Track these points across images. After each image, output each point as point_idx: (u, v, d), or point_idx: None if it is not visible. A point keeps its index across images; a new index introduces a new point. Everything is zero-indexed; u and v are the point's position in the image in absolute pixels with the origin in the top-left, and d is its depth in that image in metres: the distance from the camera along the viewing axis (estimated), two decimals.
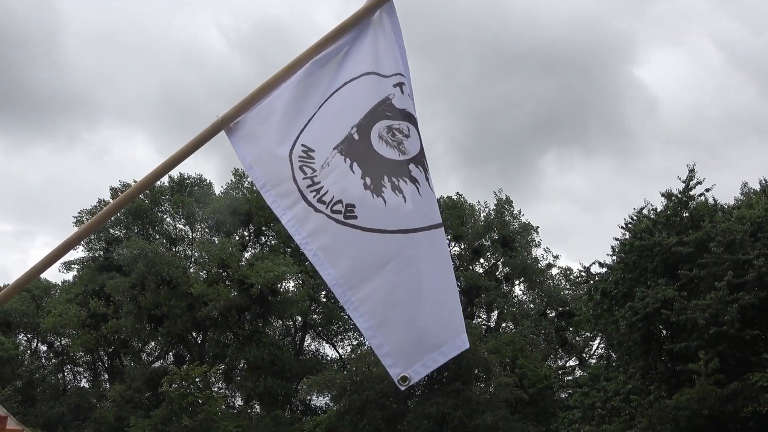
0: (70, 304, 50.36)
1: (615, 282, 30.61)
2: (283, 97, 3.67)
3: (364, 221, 3.30)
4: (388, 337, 3.15)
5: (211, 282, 48.52)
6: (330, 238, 3.32)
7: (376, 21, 3.85)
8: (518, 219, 55.45)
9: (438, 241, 3.35)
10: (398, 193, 3.35)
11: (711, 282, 26.79)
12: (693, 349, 26.31)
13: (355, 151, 3.47)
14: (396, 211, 3.30)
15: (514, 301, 55.04)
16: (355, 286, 3.24)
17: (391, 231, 3.27)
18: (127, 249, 48.40)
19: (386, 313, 3.17)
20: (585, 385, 32.39)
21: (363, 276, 3.23)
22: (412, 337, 3.13)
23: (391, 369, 3.13)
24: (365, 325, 3.20)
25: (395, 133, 3.53)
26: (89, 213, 53.38)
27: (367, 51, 3.77)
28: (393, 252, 3.24)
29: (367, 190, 3.36)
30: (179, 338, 50.67)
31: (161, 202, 55.55)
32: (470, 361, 37.76)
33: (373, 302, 3.20)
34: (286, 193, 3.44)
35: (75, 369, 57.50)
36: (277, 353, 48.66)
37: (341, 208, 3.33)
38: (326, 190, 3.39)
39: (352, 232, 3.30)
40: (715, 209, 30.20)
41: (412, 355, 3.11)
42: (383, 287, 3.20)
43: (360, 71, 3.70)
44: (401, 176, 3.41)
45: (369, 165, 3.42)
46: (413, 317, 3.15)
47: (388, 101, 3.63)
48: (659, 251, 28.53)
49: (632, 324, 28.51)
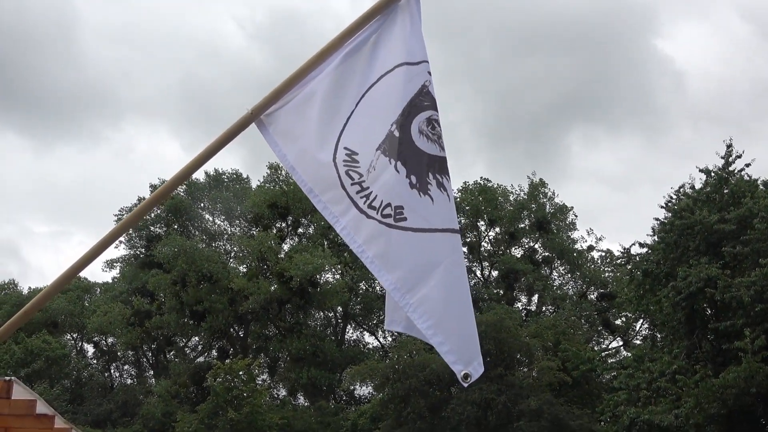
0: (114, 303, 51.07)
1: (656, 262, 30.29)
2: (319, 92, 3.65)
3: (414, 222, 3.31)
4: (448, 334, 3.17)
5: (251, 276, 48.87)
6: (384, 244, 3.33)
7: (403, 5, 3.81)
8: (552, 201, 55.03)
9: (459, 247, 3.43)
10: (443, 191, 3.36)
11: (755, 259, 26.40)
12: (739, 327, 25.96)
13: (397, 150, 3.45)
14: (442, 209, 3.32)
15: (554, 285, 54.71)
16: (412, 289, 3.26)
17: (441, 230, 3.29)
18: (167, 246, 48.90)
19: (444, 312, 3.19)
20: (629, 367, 32.11)
21: (419, 277, 3.25)
22: (467, 335, 3.15)
23: (454, 366, 3.15)
24: (425, 325, 3.21)
25: (435, 125, 3.51)
26: (130, 211, 54.02)
27: (397, 40, 3.74)
28: (445, 251, 3.26)
29: (413, 189, 3.36)
30: (222, 333, 51.12)
31: (200, 199, 56.06)
32: (512, 345, 37.65)
33: (431, 302, 3.21)
34: (337, 200, 3.44)
35: (121, 366, 58.34)
36: (319, 344, 48.89)
37: (391, 211, 3.34)
38: (375, 194, 3.38)
39: (404, 235, 3.31)
40: (756, 185, 29.73)
41: (470, 352, 3.13)
42: (439, 286, 3.21)
43: (393, 63, 3.67)
44: (443, 173, 3.42)
45: (412, 162, 3.41)
46: (465, 315, 3.18)
47: (425, 89, 3.60)
48: (700, 230, 28.16)
49: (676, 304, 28.20)
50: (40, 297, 3.49)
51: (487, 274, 55.29)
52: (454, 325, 3.18)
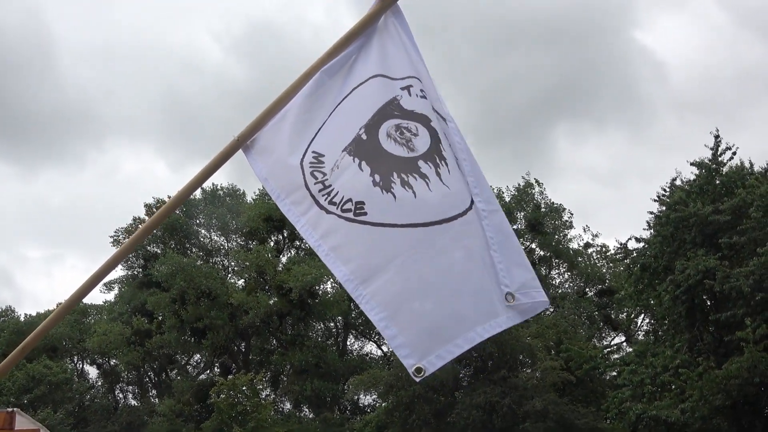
0: (114, 323, 50.96)
1: (654, 256, 30.33)
2: (294, 108, 3.67)
3: (374, 217, 3.28)
4: (402, 328, 3.11)
5: (250, 290, 48.82)
6: (341, 238, 3.31)
7: (381, 26, 3.83)
8: (546, 199, 55.05)
9: (458, 232, 3.30)
10: (408, 189, 3.32)
11: (752, 248, 26.45)
12: (739, 317, 25.99)
13: (363, 150, 3.46)
14: (406, 206, 3.28)
15: (552, 284, 54.68)
16: (366, 281, 3.22)
17: (401, 225, 3.24)
18: (165, 265, 48.83)
19: (399, 305, 3.14)
20: (632, 363, 32.12)
21: (374, 270, 3.22)
22: (425, 328, 3.09)
23: (405, 360, 3.08)
24: (377, 317, 3.17)
25: (403, 131, 3.51)
26: (125, 231, 53.97)
27: (374, 55, 3.76)
28: (404, 245, 3.21)
29: (376, 186, 3.34)
30: (223, 348, 51.01)
31: (195, 215, 56.00)
32: (514, 347, 37.61)
33: (385, 294, 3.17)
34: (300, 200, 3.44)
35: (124, 387, 58.16)
36: (322, 355, 48.82)
37: (351, 206, 3.32)
38: (336, 191, 3.38)
39: (363, 228, 3.28)
40: (744, 174, 29.79)
41: (426, 346, 3.06)
42: (395, 280, 3.17)
43: (367, 75, 3.70)
44: (410, 172, 3.38)
45: (377, 162, 3.41)
46: (426, 309, 3.12)
47: (395, 101, 3.62)
48: (696, 222, 28.22)
49: (675, 297, 28.23)
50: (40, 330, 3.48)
51: None
52: (410, 318, 3.12)
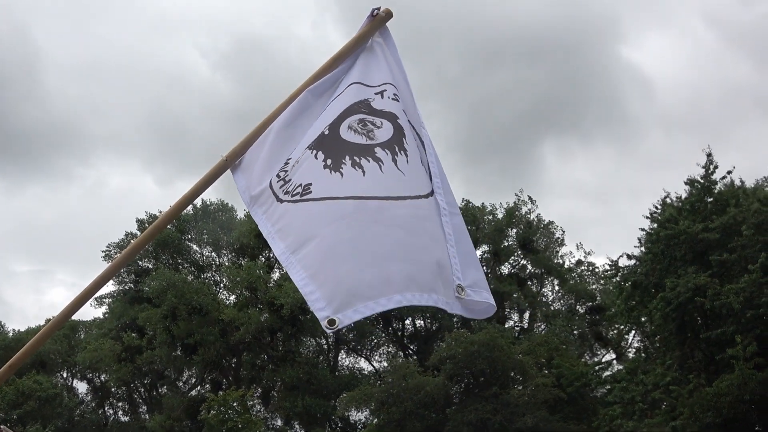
0: (104, 339, 50.72)
1: (645, 273, 30.39)
2: (277, 125, 3.72)
3: (318, 193, 3.32)
4: (320, 284, 3.11)
5: (241, 306, 48.70)
6: (287, 219, 3.35)
7: (368, 47, 3.90)
8: (538, 217, 55.15)
9: (408, 211, 3.30)
10: (357, 168, 3.35)
11: (743, 265, 26.54)
12: (730, 335, 26.06)
13: (322, 143, 3.51)
14: (352, 182, 3.31)
15: (544, 301, 54.68)
16: (296, 250, 3.25)
17: (342, 197, 3.26)
18: (156, 281, 48.70)
19: (322, 264, 3.15)
20: (623, 380, 32.13)
21: (306, 238, 3.24)
22: (346, 285, 3.07)
23: (319, 313, 3.05)
24: (299, 276, 3.17)
25: (366, 123, 3.55)
26: (117, 246, 53.85)
27: (356, 70, 3.82)
28: (340, 213, 3.23)
29: (326, 169, 3.38)
30: (214, 364, 50.81)
31: (187, 230, 55.90)
32: (506, 364, 37.59)
33: (312, 257, 3.18)
34: (264, 201, 3.49)
35: (114, 403, 57.82)
36: (313, 372, 48.67)
37: (300, 190, 3.37)
38: (292, 181, 3.43)
39: (305, 205, 3.32)
40: (737, 192, 29.95)
41: (343, 301, 3.04)
42: (323, 243, 3.18)
43: (346, 84, 3.76)
44: (364, 156, 3.41)
45: (333, 150, 3.45)
46: (350, 268, 3.11)
47: (366, 102, 3.67)
48: (686, 239, 28.32)
49: (666, 314, 28.29)
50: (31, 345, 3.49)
51: None
52: (331, 275, 3.11)
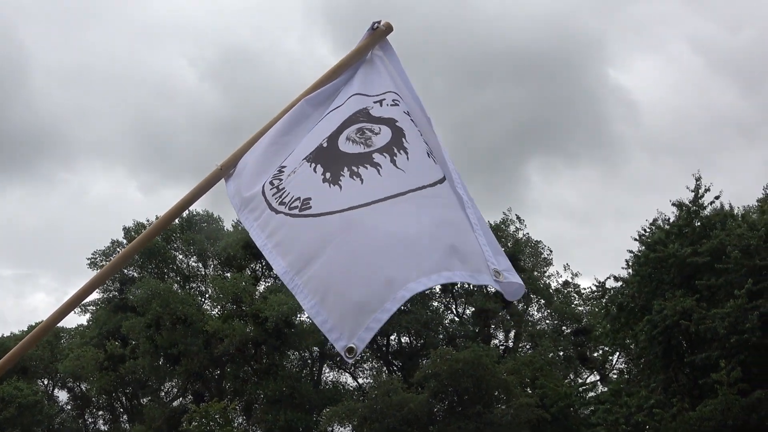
0: (87, 347, 50.40)
1: (632, 296, 30.44)
2: (272, 132, 3.68)
3: (317, 209, 3.24)
4: (330, 310, 3.03)
5: (226, 318, 48.49)
6: (284, 233, 3.28)
7: (368, 59, 3.87)
8: (526, 237, 55.25)
9: (409, 202, 3.22)
10: (355, 178, 3.28)
11: (729, 290, 26.61)
12: (714, 359, 26.10)
13: (320, 156, 3.45)
14: (350, 192, 3.24)
15: (530, 321, 54.71)
16: (300, 270, 3.16)
17: (340, 210, 3.19)
18: (141, 289, 48.47)
19: (328, 288, 3.07)
20: (607, 402, 32.12)
21: (309, 258, 3.15)
22: (352, 305, 2.98)
23: (337, 343, 2.97)
24: (309, 304, 3.09)
25: (364, 131, 3.50)
26: (103, 254, 53.61)
27: (356, 82, 3.79)
28: (340, 228, 3.15)
29: (325, 182, 3.31)
30: (197, 376, 50.54)
31: (173, 240, 55.72)
32: (490, 383, 37.53)
33: (316, 281, 3.10)
34: (256, 206, 3.43)
35: (94, 412, 57.38)
36: (296, 385, 48.45)
37: (298, 203, 3.29)
38: (287, 192, 3.36)
39: (305, 221, 3.24)
40: (725, 216, 30.08)
41: (355, 323, 2.96)
42: (326, 264, 3.10)
43: (346, 97, 3.73)
44: (362, 164, 3.34)
45: (331, 163, 3.39)
46: (354, 285, 3.02)
47: (365, 110, 3.62)
48: (674, 262, 28.39)
49: (652, 337, 28.32)
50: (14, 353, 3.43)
51: (462, 312, 55.25)
52: (337, 299, 3.03)
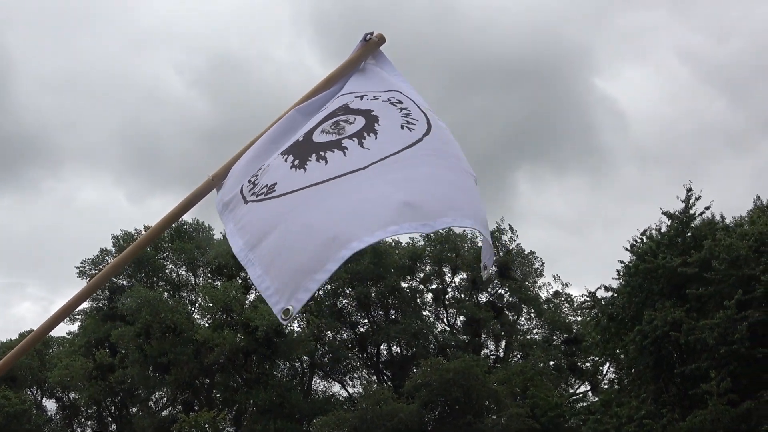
0: (76, 356, 50.17)
1: (622, 306, 30.49)
2: (262, 139, 3.69)
3: (281, 190, 3.24)
4: (274, 277, 3.02)
5: (216, 327, 48.35)
6: (248, 218, 3.29)
7: (360, 69, 3.88)
8: (517, 247, 55.33)
9: (372, 172, 3.17)
10: (321, 161, 3.27)
11: (718, 300, 26.68)
12: (704, 370, 26.15)
13: (294, 148, 3.45)
14: (313, 173, 3.23)
15: (521, 330, 54.75)
16: (254, 246, 3.17)
17: (299, 188, 3.19)
18: (131, 298, 48.31)
19: (275, 256, 3.06)
20: (597, 412, 32.12)
21: (263, 234, 3.16)
22: (294, 269, 2.97)
23: (275, 307, 2.96)
24: (256, 273, 3.09)
25: (339, 123, 3.49)
26: (92, 263, 53.43)
27: (345, 87, 3.80)
28: (296, 202, 3.15)
29: (292, 168, 3.31)
30: (187, 385, 50.35)
31: (163, 250, 55.59)
32: (480, 392, 37.52)
33: (266, 251, 3.11)
34: (234, 205, 3.44)
35: (83, 422, 57.09)
36: (286, 395, 48.34)
37: (265, 189, 3.30)
38: (259, 183, 3.37)
39: (267, 203, 3.25)
40: (715, 227, 30.18)
41: (294, 285, 2.94)
42: (277, 236, 3.10)
43: (334, 100, 3.74)
44: (330, 149, 3.33)
45: (302, 152, 3.38)
46: (296, 249, 3.01)
47: (344, 105, 3.63)
48: (664, 273, 28.46)
49: (642, 348, 28.35)
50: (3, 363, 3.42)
51: (453, 322, 55.26)
52: (282, 266, 3.01)
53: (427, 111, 3.61)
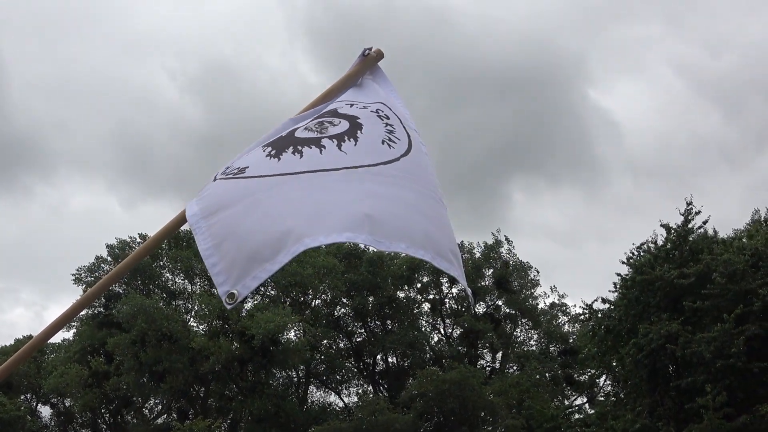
0: (71, 363, 50.05)
1: (619, 318, 30.48)
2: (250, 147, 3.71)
3: (249, 173, 3.26)
4: (224, 255, 3.01)
5: (211, 335, 48.27)
6: (212, 190, 3.29)
7: (357, 84, 3.91)
8: (513, 258, 55.34)
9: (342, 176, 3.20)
10: (296, 154, 3.29)
11: (715, 314, 26.68)
12: (700, 384, 26.12)
13: (275, 141, 3.47)
14: (286, 163, 3.24)
15: (517, 341, 54.72)
16: (209, 215, 3.16)
17: (271, 175, 3.20)
18: (127, 305, 48.23)
19: (228, 233, 3.06)
20: (593, 425, 32.07)
21: (220, 207, 3.15)
22: (245, 254, 2.96)
23: (220, 288, 2.95)
24: (205, 245, 3.08)
25: (324, 123, 3.52)
26: (88, 270, 53.36)
27: (341, 98, 3.82)
28: (262, 186, 3.16)
29: (267, 156, 3.33)
30: (182, 393, 50.22)
31: (159, 257, 55.52)
32: (476, 404, 37.46)
33: (219, 225, 3.10)
34: (203, 188, 3.44)
35: (77, 429, 56.91)
36: (281, 404, 48.23)
37: (236, 171, 3.31)
38: (233, 165, 3.38)
39: (234, 182, 3.26)
40: (713, 241, 30.22)
41: (243, 270, 2.93)
42: (235, 213, 3.09)
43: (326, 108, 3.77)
44: (307, 145, 3.35)
45: (281, 144, 3.40)
46: (251, 232, 3.01)
47: (333, 110, 3.65)
48: (661, 285, 28.46)
49: (638, 361, 28.33)
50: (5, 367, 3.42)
51: (449, 332, 55.21)
52: (233, 246, 3.00)
53: (411, 132, 3.65)
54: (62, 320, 3.43)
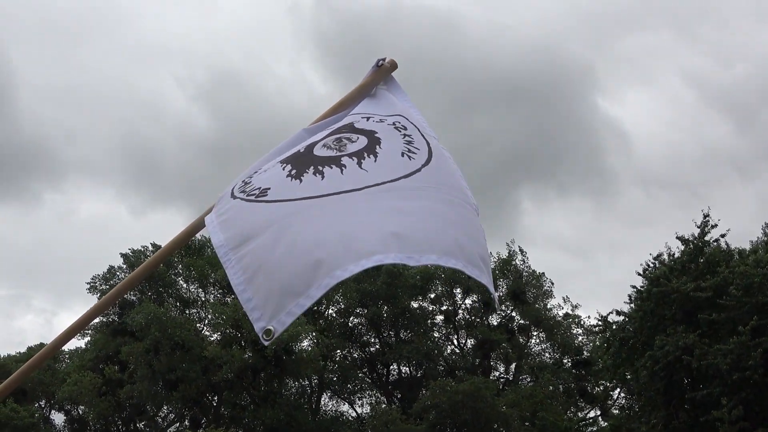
0: (84, 371, 50.23)
1: (634, 330, 30.31)
2: (265, 155, 3.69)
3: (273, 197, 3.21)
4: (257, 289, 2.97)
5: (225, 344, 48.32)
6: (233, 213, 3.26)
7: (371, 95, 3.91)
8: (527, 269, 55.17)
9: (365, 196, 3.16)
10: (317, 175, 3.25)
11: (731, 326, 26.49)
12: (716, 397, 25.91)
13: (293, 158, 3.44)
14: (308, 186, 3.20)
15: (531, 353, 54.49)
16: (237, 247, 3.12)
17: (293, 199, 3.15)
18: (140, 314, 48.36)
19: (259, 266, 3.01)
20: None
21: (247, 237, 3.11)
22: (278, 287, 2.92)
23: (256, 323, 2.93)
24: (238, 280, 3.03)
25: (342, 140, 3.49)
26: (102, 278, 53.58)
27: (355, 109, 3.81)
28: (285, 214, 3.11)
29: (288, 177, 3.29)
30: (195, 402, 50.27)
31: (174, 265, 55.70)
32: (489, 415, 37.29)
33: (250, 258, 3.05)
34: (221, 198, 3.42)
35: None
36: (294, 414, 48.17)
37: (257, 192, 3.27)
38: (252, 184, 3.35)
39: (256, 205, 3.21)
40: (730, 253, 30.03)
41: (277, 305, 2.90)
42: (263, 244, 3.05)
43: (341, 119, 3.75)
44: (328, 164, 3.32)
45: (300, 163, 3.37)
46: (282, 265, 2.95)
47: (349, 125, 3.63)
48: (677, 298, 28.29)
49: (653, 373, 28.14)
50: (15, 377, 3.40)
51: (463, 343, 55.05)
52: (266, 280, 2.97)
53: (430, 139, 3.63)
54: (75, 328, 3.41)
